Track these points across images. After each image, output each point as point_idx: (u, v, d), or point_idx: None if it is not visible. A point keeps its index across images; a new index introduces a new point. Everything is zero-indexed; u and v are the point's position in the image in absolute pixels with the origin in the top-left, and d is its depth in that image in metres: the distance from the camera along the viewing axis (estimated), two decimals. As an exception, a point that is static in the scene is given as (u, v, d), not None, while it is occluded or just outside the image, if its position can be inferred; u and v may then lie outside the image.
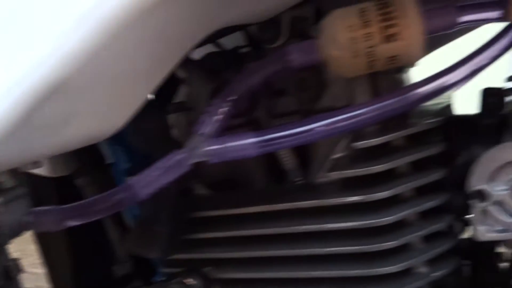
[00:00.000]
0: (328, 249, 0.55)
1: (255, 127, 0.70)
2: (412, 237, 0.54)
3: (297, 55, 0.53)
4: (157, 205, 0.61)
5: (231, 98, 0.53)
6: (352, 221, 0.53)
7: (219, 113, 0.52)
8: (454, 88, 0.54)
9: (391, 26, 0.48)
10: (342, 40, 0.50)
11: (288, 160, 0.66)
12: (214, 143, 0.51)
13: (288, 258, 0.59)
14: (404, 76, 0.64)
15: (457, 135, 0.60)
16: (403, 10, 0.48)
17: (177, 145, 0.56)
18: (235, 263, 0.62)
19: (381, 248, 0.53)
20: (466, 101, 0.71)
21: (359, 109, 0.50)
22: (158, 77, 0.50)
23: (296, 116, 0.67)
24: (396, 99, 0.51)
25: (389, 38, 0.48)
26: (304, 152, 0.65)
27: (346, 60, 0.51)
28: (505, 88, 0.60)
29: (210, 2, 0.44)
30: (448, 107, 0.71)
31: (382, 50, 0.49)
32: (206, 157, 0.51)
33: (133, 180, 0.51)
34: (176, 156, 0.51)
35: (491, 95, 0.59)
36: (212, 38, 0.74)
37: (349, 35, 0.49)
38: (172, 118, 0.72)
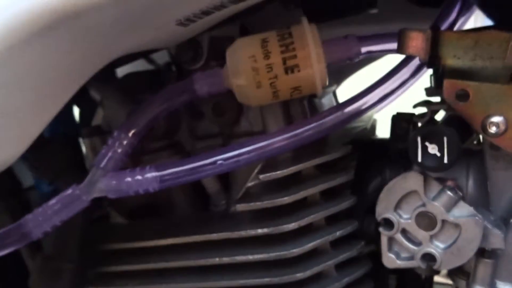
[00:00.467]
0: (241, 281, 0.54)
1: (177, 149, 0.68)
2: (325, 266, 0.54)
3: (202, 84, 0.52)
4: (61, 238, 0.57)
5: (132, 130, 0.50)
6: (262, 253, 0.52)
7: (119, 146, 0.50)
8: (364, 114, 0.54)
9: (291, 57, 0.47)
10: (245, 70, 0.49)
11: (210, 185, 0.65)
12: (112, 178, 0.48)
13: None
14: (320, 100, 0.64)
15: (370, 160, 0.61)
16: (302, 42, 0.47)
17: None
18: (150, 296, 0.60)
19: (294, 279, 0.52)
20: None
21: (265, 141, 0.50)
22: (51, 110, 0.47)
23: (218, 139, 0.66)
24: (303, 128, 0.50)
25: (289, 70, 0.48)
26: (227, 175, 0.64)
27: (250, 90, 0.50)
28: (416, 113, 0.61)
29: (99, 34, 0.42)
30: (366, 130, 0.71)
31: (284, 81, 0.48)
32: (104, 192, 0.49)
33: (25, 219, 0.48)
34: (73, 192, 0.49)
35: (401, 121, 0.60)
36: (140, 54, 0.72)
37: (252, 65, 0.48)
38: (86, 142, 0.69)
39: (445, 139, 0.46)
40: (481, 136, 0.52)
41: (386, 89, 0.53)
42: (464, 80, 0.46)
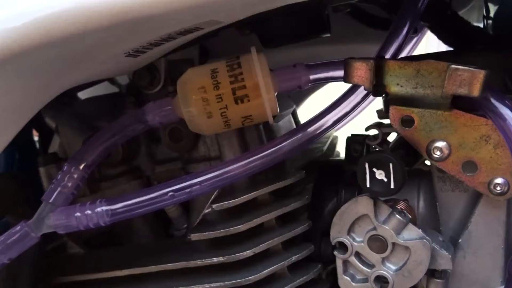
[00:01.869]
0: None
1: (137, 174, 0.67)
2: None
3: (154, 115, 0.52)
4: (13, 272, 0.56)
5: (83, 163, 0.50)
6: (218, 282, 0.52)
7: (69, 180, 0.49)
8: (318, 139, 0.55)
9: (240, 88, 0.48)
10: (195, 101, 0.49)
11: (171, 209, 0.64)
12: (62, 214, 0.48)
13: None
14: (277, 124, 0.64)
15: (327, 182, 0.62)
16: (251, 72, 0.48)
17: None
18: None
19: (251, 305, 0.53)
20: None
21: (218, 170, 0.50)
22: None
23: (178, 163, 0.65)
24: (256, 156, 0.50)
25: (239, 100, 0.48)
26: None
27: (201, 120, 0.50)
28: (369, 135, 0.62)
29: (38, 73, 0.41)
30: (323, 151, 0.72)
31: (235, 111, 0.49)
32: (54, 228, 0.48)
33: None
34: (22, 229, 0.48)
35: (355, 143, 0.61)
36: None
37: (202, 96, 0.49)
38: (42, 171, 0.68)
39: (390, 165, 0.47)
40: (428, 159, 0.53)
41: (340, 113, 0.54)
42: (408, 107, 0.48)
